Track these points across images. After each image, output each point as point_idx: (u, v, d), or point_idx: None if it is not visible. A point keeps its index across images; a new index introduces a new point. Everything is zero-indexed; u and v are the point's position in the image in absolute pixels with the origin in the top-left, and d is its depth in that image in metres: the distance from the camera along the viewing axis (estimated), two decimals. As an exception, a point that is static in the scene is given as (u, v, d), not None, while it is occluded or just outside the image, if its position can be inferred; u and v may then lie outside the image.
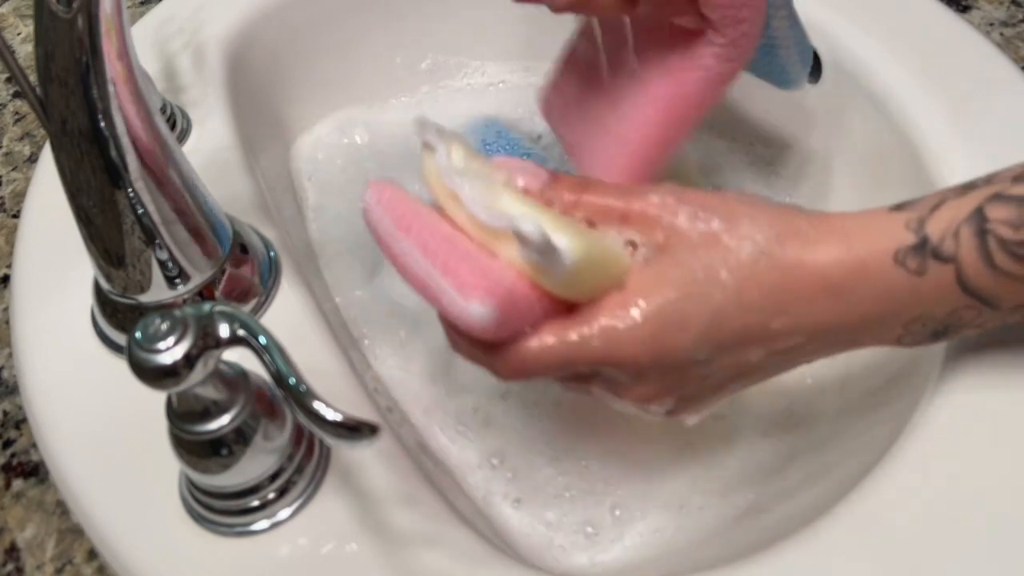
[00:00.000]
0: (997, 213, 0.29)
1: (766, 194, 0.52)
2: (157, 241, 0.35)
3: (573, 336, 0.31)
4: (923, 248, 0.29)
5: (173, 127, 0.47)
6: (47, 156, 0.47)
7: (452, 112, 0.58)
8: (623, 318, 0.30)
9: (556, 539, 0.39)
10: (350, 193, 0.55)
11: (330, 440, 0.27)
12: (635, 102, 0.40)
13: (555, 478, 0.41)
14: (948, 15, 0.49)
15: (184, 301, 0.37)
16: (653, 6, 0.36)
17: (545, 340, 0.31)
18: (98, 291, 0.37)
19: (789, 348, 0.31)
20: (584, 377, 0.33)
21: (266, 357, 0.27)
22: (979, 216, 0.29)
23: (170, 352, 0.26)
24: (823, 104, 0.49)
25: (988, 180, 0.30)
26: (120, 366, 0.31)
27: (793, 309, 0.30)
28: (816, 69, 0.50)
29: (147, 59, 0.51)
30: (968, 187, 0.30)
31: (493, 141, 0.55)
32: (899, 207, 0.31)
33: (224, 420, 0.30)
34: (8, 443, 0.45)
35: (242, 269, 0.39)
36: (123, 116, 0.31)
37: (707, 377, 0.32)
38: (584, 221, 0.33)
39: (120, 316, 0.37)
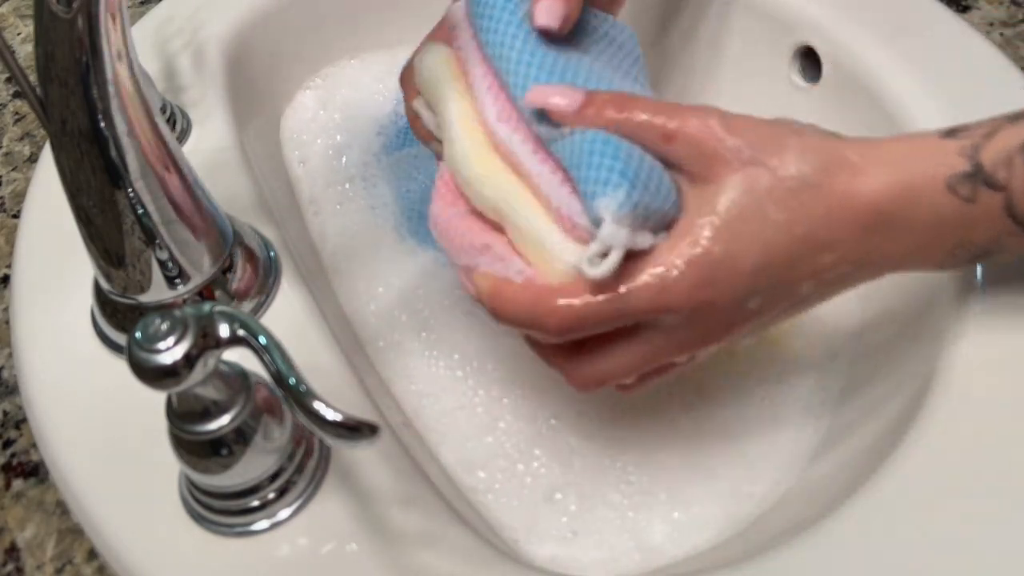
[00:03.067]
0: None
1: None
2: (157, 241, 0.35)
3: (621, 288, 0.30)
4: (976, 176, 0.29)
5: (173, 127, 0.47)
6: (47, 156, 0.47)
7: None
8: (669, 265, 0.30)
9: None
10: (350, 193, 0.55)
11: (330, 440, 0.27)
12: None
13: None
14: (948, 15, 0.49)
15: (184, 301, 0.37)
16: None
17: (589, 298, 0.30)
18: (98, 291, 0.37)
19: (837, 277, 0.31)
20: (630, 333, 0.32)
21: (266, 357, 0.27)
22: None
23: (170, 352, 0.26)
24: (823, 104, 0.49)
25: None
26: (120, 366, 0.31)
27: (842, 241, 0.30)
28: (816, 69, 0.50)
29: (147, 59, 0.51)
30: (1021, 115, 0.30)
31: None
32: (951, 133, 0.31)
33: (224, 420, 0.30)
34: (8, 443, 0.45)
35: (242, 269, 0.38)
36: (123, 116, 0.31)
37: (761, 312, 0.31)
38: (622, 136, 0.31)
39: (120, 316, 0.37)
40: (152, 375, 0.26)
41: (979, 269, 0.37)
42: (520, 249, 0.33)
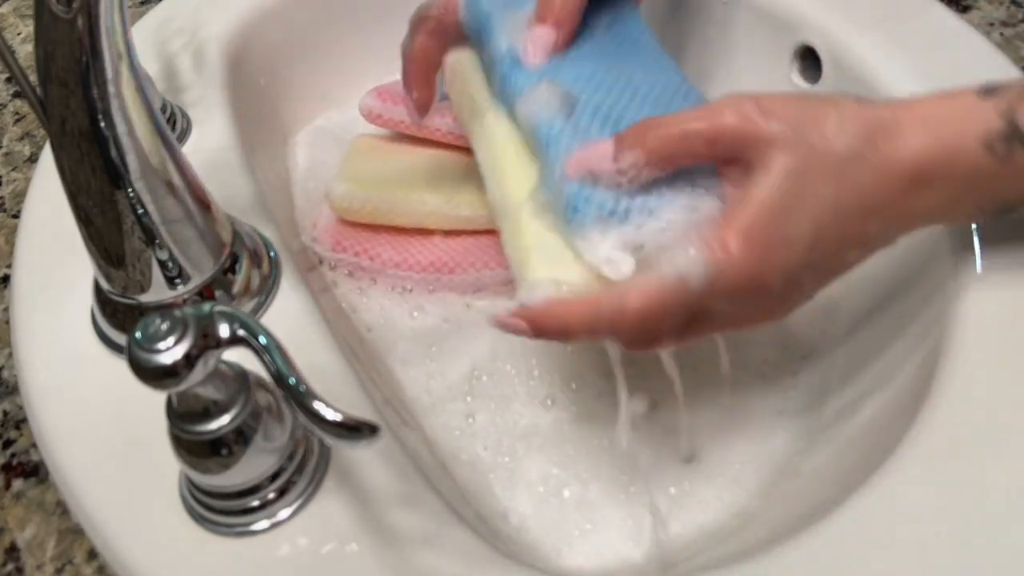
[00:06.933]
0: None
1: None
2: (157, 241, 0.35)
3: (681, 280, 0.31)
4: (1012, 137, 0.30)
5: (173, 127, 0.47)
6: (47, 156, 0.47)
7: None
8: (726, 251, 0.30)
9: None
10: (326, 147, 0.55)
11: (330, 440, 0.27)
12: None
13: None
14: (948, 15, 0.49)
15: (184, 301, 0.37)
16: None
17: (650, 292, 0.31)
18: (98, 291, 0.37)
19: (879, 239, 0.33)
20: (696, 322, 0.33)
21: (266, 357, 0.27)
22: None
23: (170, 352, 0.26)
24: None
25: None
26: (120, 366, 0.31)
27: (887, 206, 0.31)
28: (816, 69, 0.50)
29: (147, 59, 0.51)
30: None
31: None
32: (987, 92, 0.32)
33: (224, 420, 0.30)
34: (8, 443, 0.45)
35: (242, 269, 0.38)
36: (123, 116, 0.31)
37: (811, 281, 0.33)
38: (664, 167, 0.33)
39: (120, 316, 0.37)
40: (152, 375, 0.26)
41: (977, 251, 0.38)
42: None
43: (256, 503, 0.32)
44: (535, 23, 0.38)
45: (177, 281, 0.36)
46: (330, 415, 0.26)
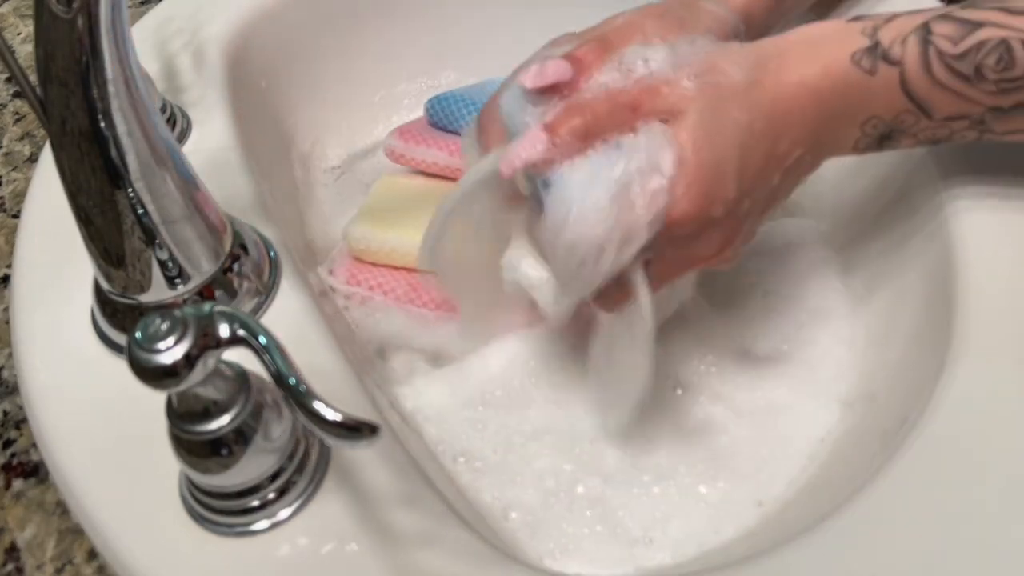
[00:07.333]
0: (941, 29, 0.34)
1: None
2: (157, 241, 0.35)
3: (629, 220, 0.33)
4: (875, 50, 0.34)
5: (173, 127, 0.47)
6: (47, 156, 0.47)
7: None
8: (671, 195, 0.33)
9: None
10: (350, 192, 0.55)
11: (330, 440, 0.27)
12: None
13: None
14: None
15: (184, 301, 0.37)
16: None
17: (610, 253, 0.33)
18: (98, 291, 0.37)
19: (793, 164, 0.35)
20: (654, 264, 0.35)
21: (266, 357, 0.27)
22: (925, 29, 0.34)
23: (170, 352, 0.26)
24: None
25: (942, 6, 0.35)
26: (120, 366, 0.31)
27: (790, 124, 0.35)
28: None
29: (147, 59, 0.51)
30: (921, 9, 0.35)
31: None
32: (857, 18, 0.36)
33: (224, 420, 0.30)
34: (8, 443, 0.45)
35: (242, 269, 0.39)
36: (123, 116, 0.31)
37: (749, 212, 0.35)
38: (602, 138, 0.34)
39: (120, 316, 0.37)
40: (152, 375, 0.26)
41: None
42: None
43: (256, 503, 0.32)
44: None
45: (177, 281, 0.36)
46: (330, 415, 0.26)
